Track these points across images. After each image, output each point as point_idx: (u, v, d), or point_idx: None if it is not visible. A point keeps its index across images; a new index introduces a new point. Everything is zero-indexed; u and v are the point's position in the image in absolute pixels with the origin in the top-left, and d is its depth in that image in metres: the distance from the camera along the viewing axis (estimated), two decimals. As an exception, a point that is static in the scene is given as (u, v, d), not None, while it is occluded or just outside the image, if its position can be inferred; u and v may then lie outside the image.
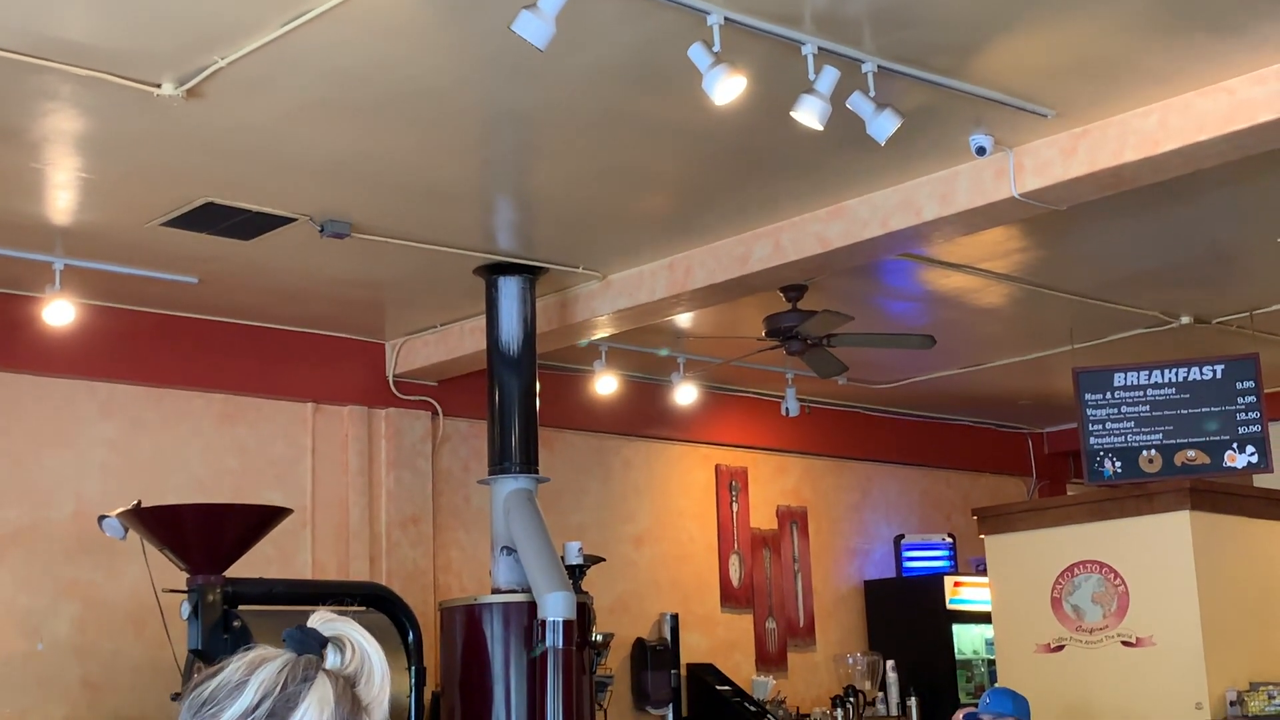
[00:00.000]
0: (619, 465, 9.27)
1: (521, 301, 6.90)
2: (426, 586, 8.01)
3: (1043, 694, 6.79)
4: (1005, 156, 5.58)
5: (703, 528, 9.60)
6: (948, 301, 7.88)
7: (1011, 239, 6.81)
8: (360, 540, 7.91)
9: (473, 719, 6.53)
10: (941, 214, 5.86)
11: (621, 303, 7.12)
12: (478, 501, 8.18)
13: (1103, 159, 5.36)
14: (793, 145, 5.50)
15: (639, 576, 9.15)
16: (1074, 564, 7.65)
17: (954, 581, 10.08)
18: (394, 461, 8.10)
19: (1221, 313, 8.19)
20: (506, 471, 6.77)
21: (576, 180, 5.88)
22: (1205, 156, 5.26)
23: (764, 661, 9.66)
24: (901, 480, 10.79)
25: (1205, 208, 6.48)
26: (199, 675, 1.79)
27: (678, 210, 6.30)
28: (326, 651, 1.78)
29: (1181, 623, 7.23)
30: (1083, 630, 7.58)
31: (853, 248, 6.25)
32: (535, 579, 6.33)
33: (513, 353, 6.87)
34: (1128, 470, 7.75)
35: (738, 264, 6.60)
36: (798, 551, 10.08)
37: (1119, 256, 7.19)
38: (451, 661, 6.71)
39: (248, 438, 7.71)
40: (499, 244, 6.66)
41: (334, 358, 8.02)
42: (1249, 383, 7.73)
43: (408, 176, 5.76)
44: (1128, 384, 7.83)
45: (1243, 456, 7.68)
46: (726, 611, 9.59)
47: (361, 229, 6.30)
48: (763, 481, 9.97)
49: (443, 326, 7.88)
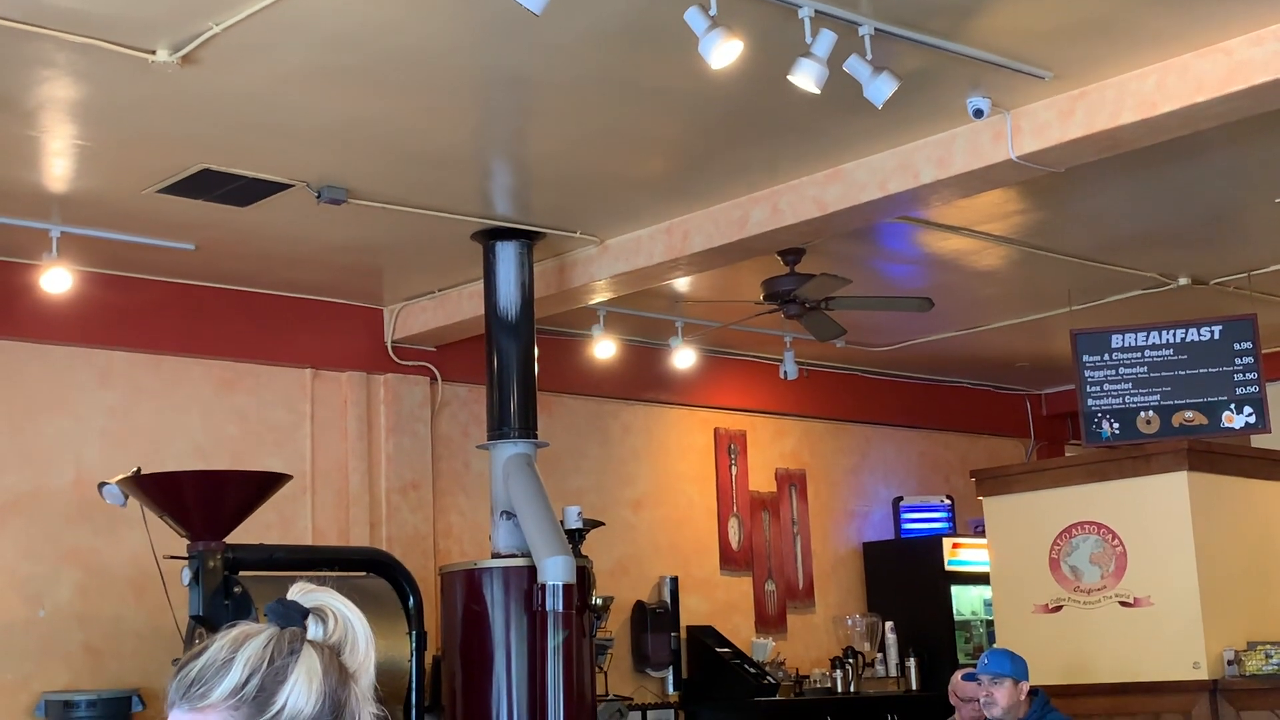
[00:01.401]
0: (618, 429, 9.28)
1: (519, 266, 6.89)
2: (426, 551, 8.04)
3: (1041, 654, 6.82)
4: (1003, 119, 5.57)
5: (702, 491, 9.62)
6: (945, 264, 7.87)
7: (1009, 201, 6.80)
8: (360, 506, 7.94)
9: (473, 683, 6.56)
10: (939, 177, 5.86)
11: (619, 267, 7.11)
12: (477, 466, 8.20)
13: (1100, 121, 5.34)
14: (790, 109, 5.49)
15: (638, 540, 9.18)
16: (1072, 525, 7.67)
17: (952, 543, 10.11)
18: (393, 427, 8.11)
19: (1219, 274, 8.19)
20: (505, 436, 6.78)
21: (574, 145, 5.86)
22: (1203, 118, 5.25)
23: (763, 623, 9.70)
24: (900, 442, 10.81)
25: (1203, 169, 6.47)
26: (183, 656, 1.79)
27: (675, 174, 6.29)
28: (309, 623, 1.79)
29: (1179, 583, 7.26)
30: (1081, 591, 7.61)
31: (850, 211, 6.25)
32: (535, 543, 6.36)
33: (511, 318, 6.87)
34: (1125, 431, 7.76)
35: (735, 228, 6.59)
36: (796, 514, 10.11)
37: (1117, 218, 7.18)
38: (452, 626, 6.74)
39: (247, 404, 7.72)
40: (496, 209, 6.65)
41: (332, 324, 8.02)
42: (1247, 343, 7.73)
43: (404, 142, 5.75)
44: (1125, 345, 7.83)
45: (1240, 417, 7.69)
46: (726, 574, 9.63)
47: (358, 195, 6.29)
48: (761, 444, 9.99)
49: (441, 292, 7.88)
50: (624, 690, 8.79)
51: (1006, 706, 5.91)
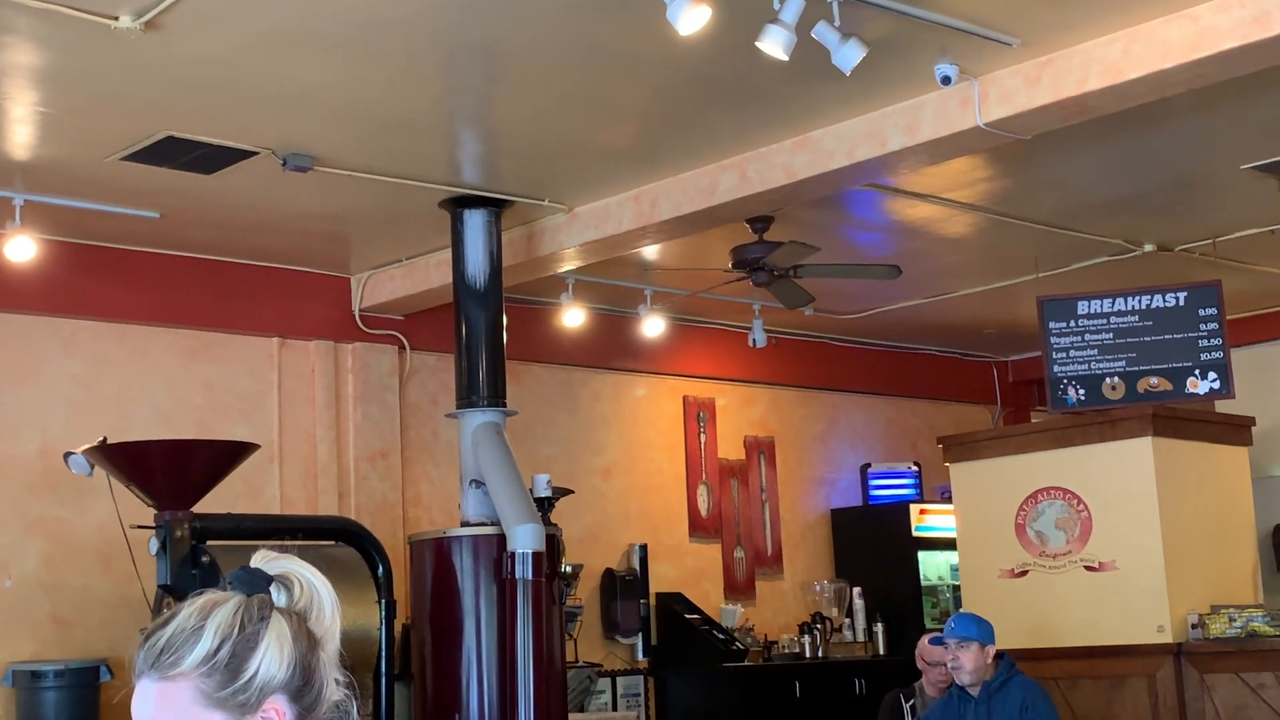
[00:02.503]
0: (587, 397, 9.29)
1: (487, 234, 6.87)
2: (395, 520, 8.04)
3: (1007, 618, 6.88)
4: (970, 86, 5.57)
5: (671, 459, 9.64)
6: (913, 231, 7.89)
7: (977, 168, 6.82)
8: (328, 475, 7.92)
9: (443, 651, 6.57)
10: (907, 144, 5.86)
11: (588, 235, 7.10)
12: (446, 435, 8.19)
13: (1067, 88, 5.36)
14: (758, 76, 5.48)
15: (608, 508, 9.20)
16: (1038, 490, 7.73)
17: (919, 509, 10.17)
18: (361, 396, 8.09)
19: (1184, 240, 8.24)
20: (474, 405, 6.77)
21: (541, 112, 5.84)
22: (1169, 84, 5.27)
23: (732, 590, 9.75)
24: (868, 410, 10.86)
25: (1169, 136, 6.50)
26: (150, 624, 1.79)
27: (644, 142, 6.28)
28: (274, 590, 1.79)
29: (1143, 547, 7.32)
30: (1046, 555, 7.67)
31: (819, 178, 6.25)
32: (504, 511, 6.36)
33: (479, 286, 6.85)
34: (1091, 397, 7.81)
35: (704, 195, 6.58)
36: (765, 481, 10.14)
37: (1083, 185, 7.21)
38: (421, 594, 6.75)
39: (213, 373, 7.69)
40: (464, 177, 6.63)
41: (299, 292, 7.98)
42: (1211, 309, 7.79)
43: (371, 109, 5.71)
44: (1091, 312, 7.87)
45: (1205, 383, 7.75)
46: (695, 541, 9.66)
47: (324, 162, 6.25)
48: (730, 412, 10.01)
49: (408, 260, 7.85)
50: (593, 657, 8.82)
51: (973, 670, 5.96)
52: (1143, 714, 7.21)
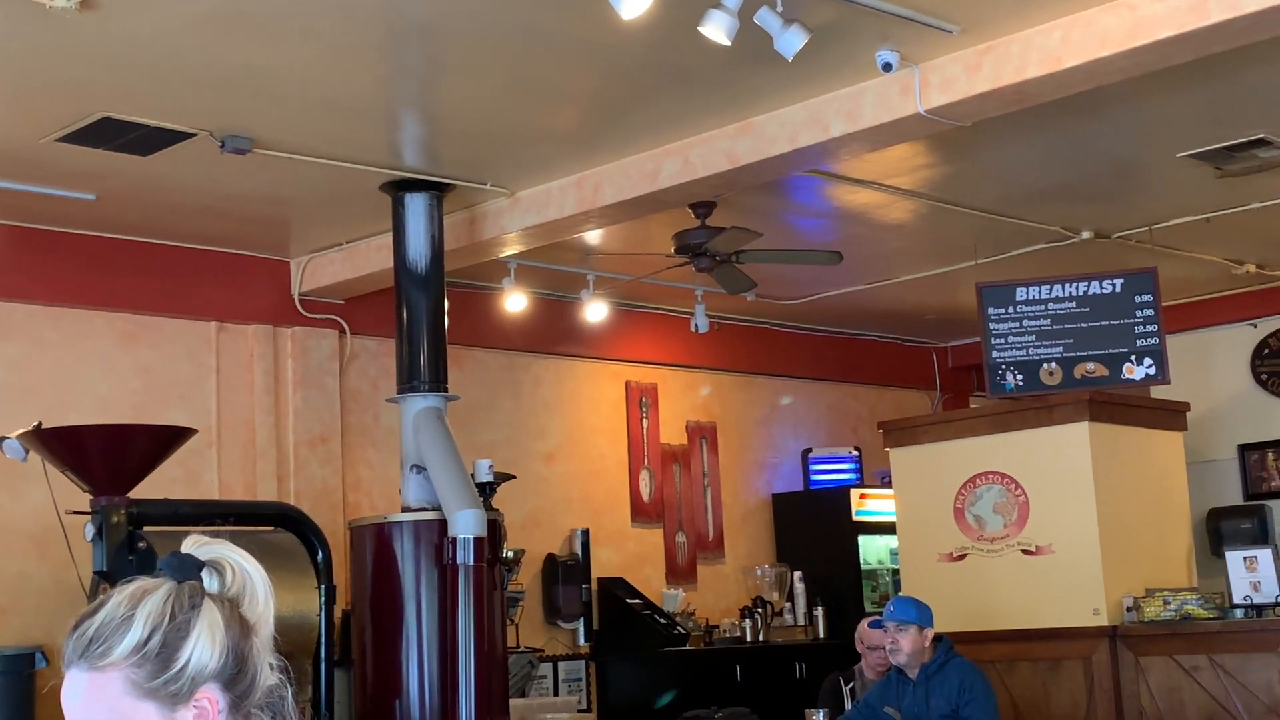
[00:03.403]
0: (529, 383, 9.27)
1: (429, 219, 6.84)
2: (336, 505, 7.99)
3: (945, 601, 6.94)
4: (911, 73, 5.60)
5: (613, 444, 9.65)
6: (855, 218, 7.93)
7: (917, 155, 6.85)
8: (267, 460, 7.86)
9: (383, 636, 6.55)
10: (849, 130, 5.88)
11: (530, 220, 7.08)
12: (387, 420, 8.15)
13: (1006, 75, 5.39)
14: (701, 61, 5.47)
15: (550, 493, 9.19)
16: (976, 475, 7.80)
17: (860, 494, 10.24)
18: (301, 380, 8.03)
19: (1121, 227, 8.33)
20: (415, 390, 6.74)
21: (484, 95, 5.81)
22: (1107, 72, 5.32)
23: (674, 575, 9.77)
24: (809, 394, 10.90)
25: (1107, 123, 6.56)
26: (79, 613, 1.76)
27: (586, 126, 6.26)
28: (206, 575, 1.76)
29: (1080, 531, 7.40)
30: (984, 539, 7.74)
31: (761, 164, 6.26)
32: (445, 497, 6.34)
33: (420, 270, 6.81)
34: (1029, 383, 7.89)
35: (647, 180, 6.58)
36: (707, 466, 10.17)
37: (1022, 172, 7.27)
38: (362, 580, 6.71)
39: (151, 357, 7.61)
40: (405, 160, 6.59)
41: (238, 276, 7.91)
42: (1147, 296, 7.88)
43: (310, 90, 5.66)
44: (1029, 298, 7.95)
45: (1140, 369, 7.84)
46: (637, 526, 9.68)
47: (263, 144, 6.19)
48: (673, 397, 10.02)
49: (349, 244, 7.80)
50: (535, 642, 8.82)
51: (911, 652, 6.01)
52: (1078, 696, 7.30)
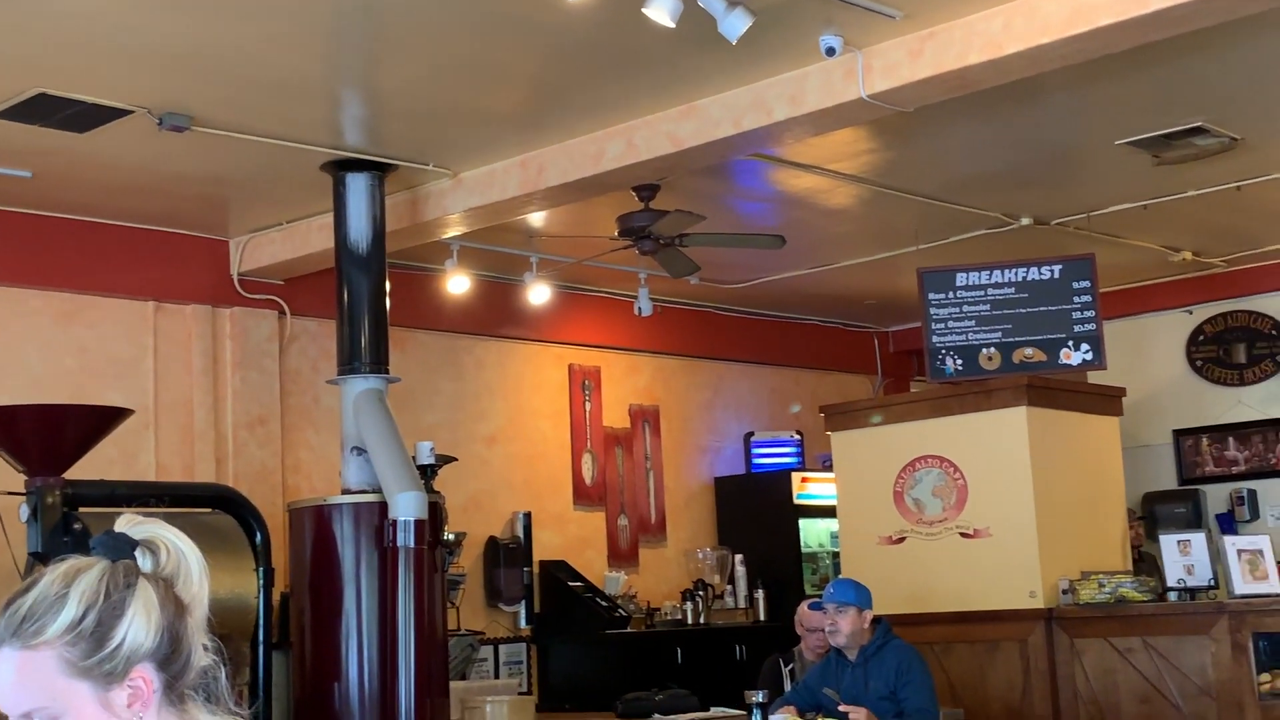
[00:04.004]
0: (471, 365, 9.24)
1: (370, 199, 6.79)
2: (275, 487, 7.93)
3: (884, 584, 6.99)
4: (854, 58, 5.62)
5: (556, 427, 9.64)
6: (797, 202, 7.95)
7: (860, 140, 6.88)
8: (205, 441, 7.79)
9: (322, 619, 6.51)
10: (792, 114, 5.90)
11: (473, 201, 7.05)
12: (327, 402, 8.10)
13: (948, 61, 5.42)
14: (646, 43, 5.47)
15: (492, 476, 9.17)
16: (916, 459, 7.86)
17: (801, 477, 10.29)
18: (240, 361, 7.97)
19: (1060, 214, 8.40)
20: (356, 371, 6.71)
21: (426, 74, 5.77)
22: (1047, 59, 5.36)
23: (616, 558, 9.79)
24: (752, 379, 10.94)
25: (1047, 111, 6.62)
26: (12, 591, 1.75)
27: (530, 107, 6.24)
28: (140, 555, 1.75)
29: (1017, 515, 7.48)
30: (923, 523, 7.81)
31: (705, 147, 6.26)
32: (386, 479, 6.32)
33: (362, 251, 6.77)
34: (968, 368, 7.96)
35: (590, 162, 6.57)
36: (650, 449, 10.18)
37: (963, 158, 7.32)
38: (301, 562, 6.67)
39: (87, 337, 7.52)
40: (346, 139, 6.53)
41: (176, 255, 7.82)
42: (1085, 282, 7.96)
43: (250, 68, 5.60)
44: (969, 284, 8.01)
45: (1078, 354, 7.93)
46: (579, 509, 9.68)
47: (202, 122, 6.12)
48: (615, 380, 10.03)
49: (289, 224, 7.73)
50: (476, 625, 8.81)
51: (850, 634, 6.05)
52: (1014, 678, 7.38)
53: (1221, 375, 10.13)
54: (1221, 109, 6.69)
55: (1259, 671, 6.71)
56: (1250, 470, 9.97)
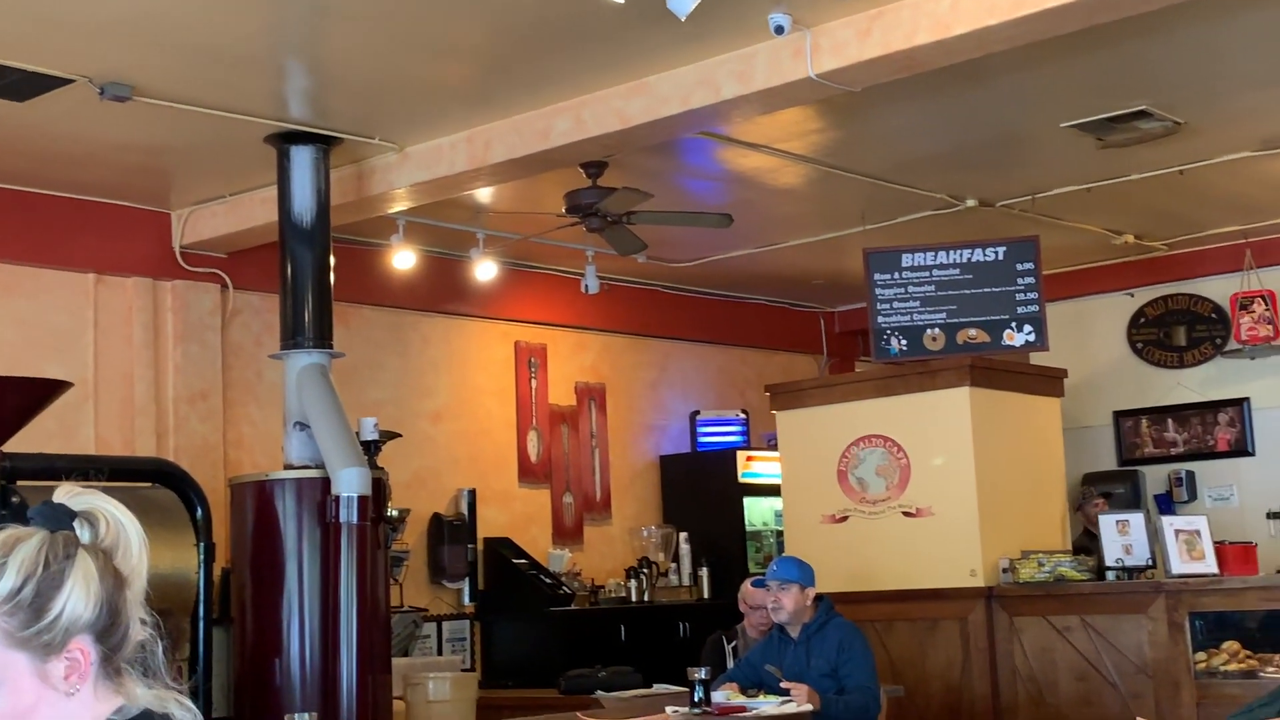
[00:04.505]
0: (417, 341, 9.20)
1: (315, 172, 6.73)
2: (216, 462, 7.87)
3: (827, 562, 7.03)
4: (803, 36, 5.62)
5: (501, 404, 9.62)
6: (745, 181, 7.96)
7: (808, 119, 6.89)
8: (146, 415, 7.71)
9: (264, 595, 6.48)
10: (740, 93, 5.89)
11: (419, 176, 7.00)
12: (270, 376, 8.03)
13: (896, 41, 5.43)
14: (595, 19, 5.44)
15: (437, 452, 9.14)
16: (860, 438, 7.90)
17: (746, 456, 10.32)
18: (181, 335, 7.88)
19: (1005, 196, 8.46)
20: (299, 346, 6.66)
21: (373, 46, 5.72)
22: (995, 40, 5.38)
23: (560, 535, 9.79)
24: (698, 357, 10.96)
25: (993, 93, 6.65)
26: None
27: (478, 81, 6.20)
28: (78, 526, 1.74)
29: (959, 494, 7.54)
30: (866, 502, 7.86)
31: (653, 124, 6.25)
32: (329, 455, 6.28)
33: (306, 225, 6.71)
34: (913, 348, 8.01)
35: (538, 138, 6.54)
36: (595, 427, 10.18)
37: (910, 139, 7.35)
38: (242, 538, 6.63)
39: (25, 309, 7.42)
40: (291, 112, 6.47)
41: (117, 227, 7.73)
42: (1029, 264, 8.03)
43: (194, 37, 5.53)
44: (915, 264, 8.06)
45: (1021, 335, 7.99)
46: (524, 487, 9.67)
47: (144, 92, 6.04)
48: (562, 358, 10.01)
49: (232, 196, 7.65)
50: (419, 602, 8.79)
51: (792, 611, 6.09)
52: (954, 655, 7.45)
53: (1162, 358, 10.25)
54: (1165, 93, 6.75)
55: (1195, 650, 6.81)
56: (1189, 452, 10.10)
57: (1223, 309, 9.94)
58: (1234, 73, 6.54)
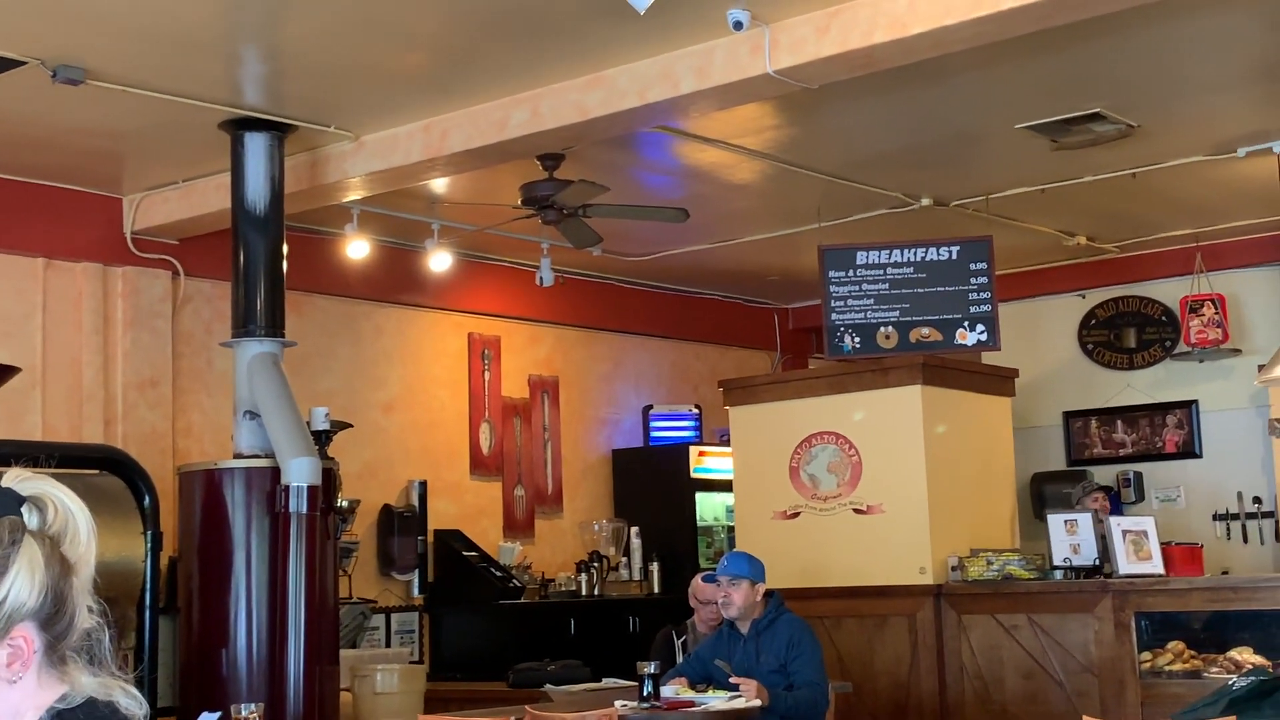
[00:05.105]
0: (370, 331, 9.15)
1: (269, 159, 6.68)
2: (165, 450, 7.80)
3: (778, 558, 7.05)
4: (761, 32, 5.62)
5: (454, 395, 9.58)
6: (702, 176, 7.96)
7: (765, 116, 6.90)
8: (94, 402, 7.63)
9: (211, 585, 6.42)
10: (698, 87, 5.89)
11: (375, 165, 6.96)
12: (220, 365, 7.97)
13: (854, 39, 5.45)
14: (554, 10, 5.43)
15: (388, 443, 9.10)
16: (812, 435, 7.93)
17: (699, 451, 10.33)
18: (131, 321, 7.81)
19: (960, 196, 8.50)
20: (251, 334, 6.60)
21: (330, 33, 5.68)
22: (951, 41, 5.41)
23: (511, 528, 9.77)
24: (652, 351, 10.96)
25: (949, 93, 6.68)
26: None
27: (435, 71, 6.17)
28: (26, 511, 1.71)
29: (909, 492, 7.58)
30: (818, 498, 7.88)
31: (611, 118, 6.24)
32: (279, 444, 6.24)
33: (259, 212, 6.66)
34: (866, 345, 8.04)
35: (495, 129, 6.51)
36: (548, 420, 10.16)
37: (866, 137, 7.37)
38: (190, 527, 6.57)
39: (-28, 293, 7.32)
40: (246, 98, 6.41)
41: (67, 212, 7.64)
42: (982, 264, 8.08)
43: (147, 20, 5.47)
44: (869, 262, 8.09)
45: (973, 335, 8.04)
46: (476, 479, 9.64)
47: (97, 75, 5.98)
48: (515, 350, 9.99)
49: (185, 183, 7.58)
50: (368, 593, 8.75)
51: (742, 606, 6.09)
52: (903, 652, 7.49)
53: (1112, 359, 10.33)
54: (1120, 96, 6.80)
55: (1140, 650, 6.87)
56: (1137, 453, 10.19)
57: (1173, 312, 10.03)
58: (1187, 77, 6.60)
